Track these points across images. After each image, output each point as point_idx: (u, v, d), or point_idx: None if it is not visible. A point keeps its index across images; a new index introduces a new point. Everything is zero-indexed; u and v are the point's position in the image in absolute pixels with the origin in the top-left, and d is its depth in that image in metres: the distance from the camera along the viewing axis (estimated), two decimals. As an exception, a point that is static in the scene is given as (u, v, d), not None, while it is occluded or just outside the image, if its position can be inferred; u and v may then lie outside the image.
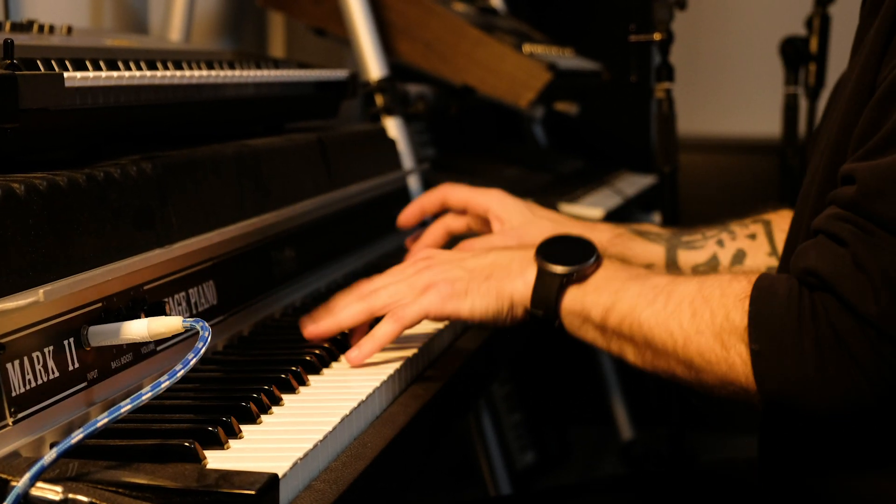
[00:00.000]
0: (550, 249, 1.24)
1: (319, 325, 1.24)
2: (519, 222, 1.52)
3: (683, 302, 1.13)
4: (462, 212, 1.57)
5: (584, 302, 1.20)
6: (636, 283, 1.17)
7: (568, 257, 1.22)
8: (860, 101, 1.11)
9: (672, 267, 1.52)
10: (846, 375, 1.02)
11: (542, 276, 1.21)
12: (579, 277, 1.20)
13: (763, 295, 1.08)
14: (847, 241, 1.03)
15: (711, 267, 1.51)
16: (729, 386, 1.10)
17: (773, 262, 1.49)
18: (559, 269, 1.21)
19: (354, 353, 1.19)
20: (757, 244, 1.51)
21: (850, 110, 1.13)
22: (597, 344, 1.20)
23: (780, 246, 1.49)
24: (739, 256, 1.51)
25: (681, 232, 1.55)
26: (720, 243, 1.52)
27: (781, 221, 1.52)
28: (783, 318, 1.05)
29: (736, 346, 1.08)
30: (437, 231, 1.56)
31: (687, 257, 1.52)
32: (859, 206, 1.03)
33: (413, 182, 2.06)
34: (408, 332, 1.28)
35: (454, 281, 1.23)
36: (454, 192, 1.55)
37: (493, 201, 1.53)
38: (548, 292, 1.21)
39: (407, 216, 1.58)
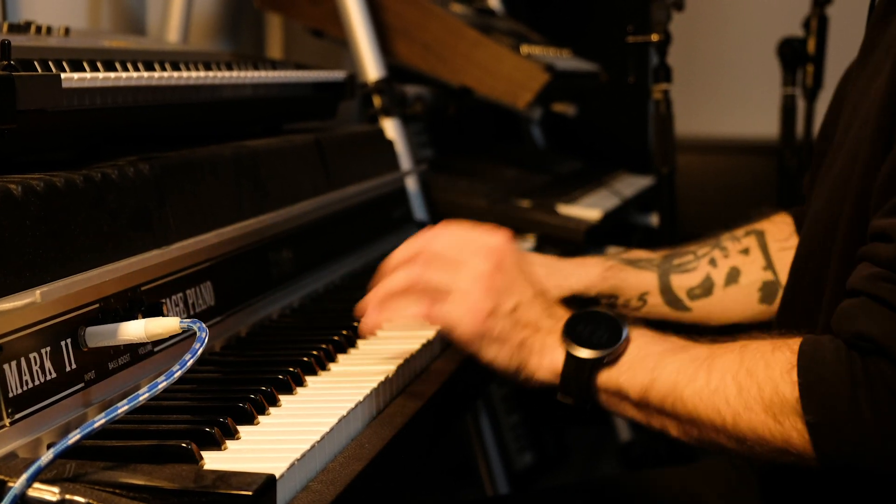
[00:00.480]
0: (577, 330, 1.17)
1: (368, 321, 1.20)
2: None
3: (727, 376, 1.09)
4: None
5: (618, 382, 1.15)
6: (673, 358, 1.13)
7: (596, 338, 1.16)
8: (882, 141, 1.10)
9: (666, 293, 1.50)
10: None
11: (571, 362, 1.15)
12: (611, 360, 1.15)
13: (811, 364, 1.05)
14: (894, 304, 1.02)
15: (705, 289, 1.49)
16: (785, 457, 1.07)
17: (769, 276, 1.48)
18: (589, 353, 1.15)
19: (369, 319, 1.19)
20: (751, 259, 1.49)
21: (872, 148, 1.11)
22: (636, 420, 1.16)
23: (775, 257, 1.48)
24: (734, 275, 1.49)
25: (672, 255, 1.53)
26: (713, 262, 1.50)
27: (775, 230, 1.50)
28: (836, 386, 1.03)
29: (790, 420, 1.05)
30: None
31: (680, 281, 1.51)
32: None
33: (411, 183, 2.06)
34: (407, 332, 1.29)
35: (500, 329, 1.17)
36: None
37: None
38: (578, 378, 1.15)
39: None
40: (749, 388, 1.08)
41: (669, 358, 1.14)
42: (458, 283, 1.17)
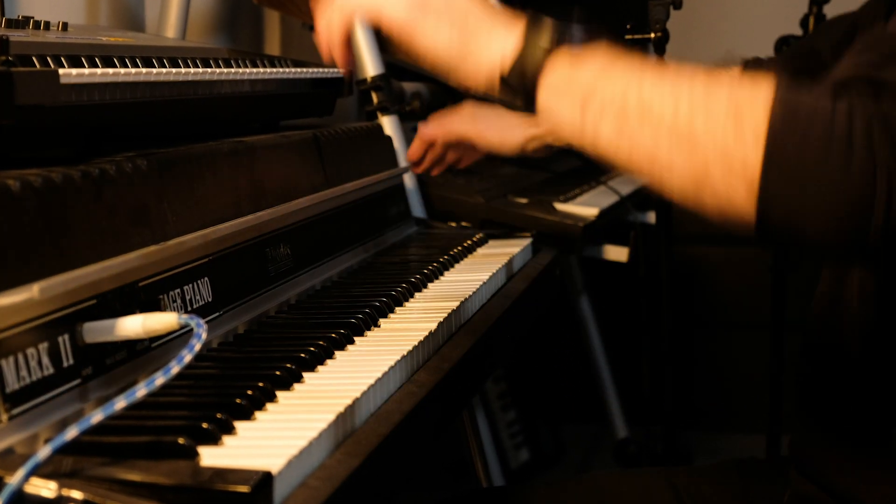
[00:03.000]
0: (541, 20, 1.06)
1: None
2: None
3: (696, 80, 0.97)
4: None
5: (570, 71, 1.02)
6: (637, 63, 1.01)
7: (562, 33, 1.05)
8: None
9: None
10: (865, 181, 0.89)
11: (530, 44, 1.04)
12: (573, 50, 1.03)
13: (792, 83, 0.94)
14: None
15: None
16: (724, 170, 0.93)
17: None
18: (549, 32, 1.04)
19: None
20: None
21: None
22: (565, 121, 1.03)
23: None
24: None
25: None
26: None
27: None
28: (815, 104, 0.91)
29: (754, 120, 0.92)
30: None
31: None
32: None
33: (409, 180, 2.06)
34: (408, 329, 1.30)
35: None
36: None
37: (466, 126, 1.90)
38: (531, 63, 1.03)
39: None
40: (719, 89, 0.96)
41: (633, 60, 1.02)
42: None
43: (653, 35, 2.12)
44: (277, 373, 1.10)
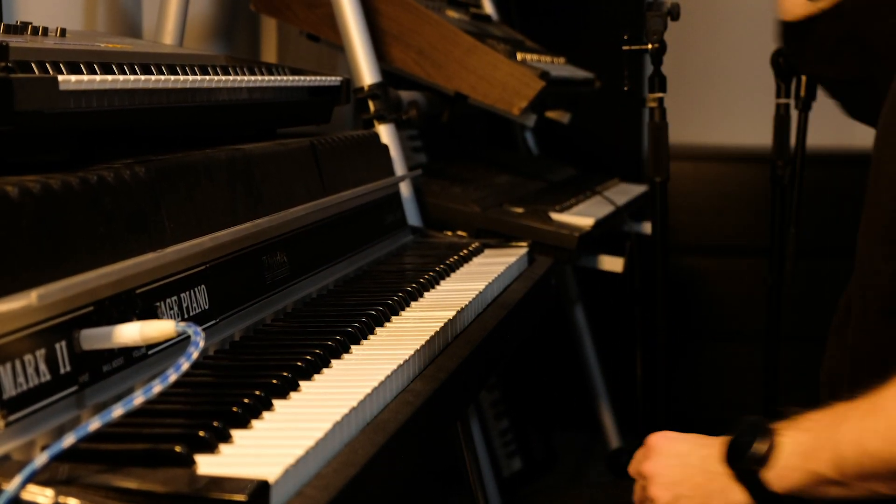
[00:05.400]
0: (735, 452, 1.23)
1: None
2: None
3: (888, 402, 1.12)
4: None
5: (806, 470, 1.17)
6: (840, 423, 1.16)
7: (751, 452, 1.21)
8: None
9: None
10: None
11: (749, 486, 1.21)
12: (766, 464, 1.19)
13: None
14: None
15: None
16: None
17: None
18: (758, 466, 1.20)
19: None
20: None
21: None
22: (843, 498, 1.17)
23: None
24: None
25: None
26: None
27: None
28: None
29: None
30: None
31: None
32: None
33: (405, 188, 2.06)
34: (404, 339, 1.30)
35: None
36: None
37: None
38: (763, 494, 1.20)
39: None
40: None
41: (838, 424, 1.16)
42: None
43: (650, 46, 2.12)
44: (274, 381, 1.10)
